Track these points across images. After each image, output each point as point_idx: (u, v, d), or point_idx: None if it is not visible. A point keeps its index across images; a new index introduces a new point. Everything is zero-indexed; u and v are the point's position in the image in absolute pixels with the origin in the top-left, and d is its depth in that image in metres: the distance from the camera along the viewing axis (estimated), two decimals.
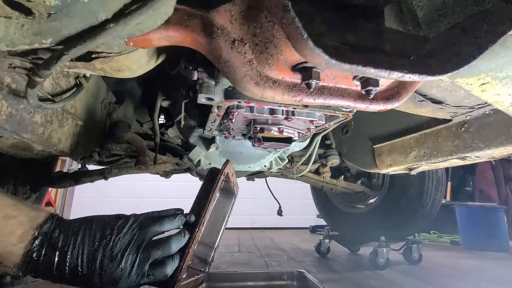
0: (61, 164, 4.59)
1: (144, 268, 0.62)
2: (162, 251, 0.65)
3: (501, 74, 0.71)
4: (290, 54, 0.66)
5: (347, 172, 2.55)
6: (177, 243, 0.69)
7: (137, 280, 0.61)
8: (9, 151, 0.98)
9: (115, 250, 0.60)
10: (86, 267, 0.58)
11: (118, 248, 0.60)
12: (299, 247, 3.40)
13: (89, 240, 0.60)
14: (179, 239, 0.69)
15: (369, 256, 2.36)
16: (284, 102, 0.80)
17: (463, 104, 1.09)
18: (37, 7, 0.47)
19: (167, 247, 0.66)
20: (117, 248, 0.60)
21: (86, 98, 1.14)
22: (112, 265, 0.59)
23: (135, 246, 0.62)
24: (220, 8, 0.63)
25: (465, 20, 0.58)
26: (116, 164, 1.83)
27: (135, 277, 0.61)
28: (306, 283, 1.47)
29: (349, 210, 2.84)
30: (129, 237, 0.62)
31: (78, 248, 0.59)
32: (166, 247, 0.66)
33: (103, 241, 0.60)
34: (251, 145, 1.27)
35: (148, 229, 0.65)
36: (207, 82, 0.89)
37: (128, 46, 0.62)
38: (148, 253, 0.63)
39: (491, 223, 3.63)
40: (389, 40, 0.59)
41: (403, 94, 0.79)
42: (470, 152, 1.22)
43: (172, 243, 0.67)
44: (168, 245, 0.67)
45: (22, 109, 0.80)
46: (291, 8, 0.49)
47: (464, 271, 2.41)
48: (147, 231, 0.65)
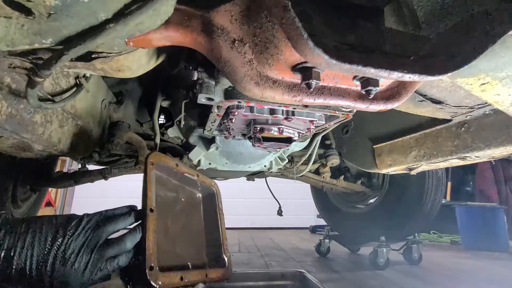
0: (61, 164, 4.58)
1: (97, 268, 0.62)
2: (117, 250, 0.66)
3: (501, 74, 0.71)
4: (290, 54, 0.66)
5: (347, 172, 2.54)
6: (132, 239, 0.69)
7: (90, 277, 0.61)
8: (9, 151, 0.98)
9: (68, 253, 0.59)
10: (35, 270, 0.57)
11: (71, 251, 0.60)
12: (299, 247, 3.40)
13: (39, 243, 0.59)
14: (133, 236, 0.70)
15: (369, 256, 2.36)
16: (284, 102, 0.80)
17: (463, 104, 1.09)
18: (37, 7, 0.47)
19: (122, 244, 0.67)
20: (69, 251, 0.60)
21: (86, 98, 1.14)
22: (64, 268, 0.58)
23: (89, 247, 0.62)
24: (220, 8, 0.63)
25: (465, 20, 0.58)
26: (116, 164, 1.83)
27: (89, 275, 0.61)
28: (306, 283, 1.47)
29: (349, 210, 2.84)
30: (82, 239, 0.62)
31: (27, 251, 0.57)
32: (121, 244, 0.67)
33: (54, 243, 0.59)
34: (251, 145, 1.27)
35: (101, 229, 0.65)
36: (207, 82, 0.89)
37: (128, 46, 0.62)
38: (102, 252, 0.63)
39: (491, 223, 3.63)
40: (389, 40, 0.59)
41: (403, 94, 0.79)
42: (470, 152, 1.22)
43: (126, 240, 0.68)
44: (123, 243, 0.67)
45: (22, 109, 0.80)
46: (291, 8, 0.49)
47: (464, 271, 2.41)
48: (101, 232, 0.65)
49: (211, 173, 1.93)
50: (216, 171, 1.78)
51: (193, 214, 1.03)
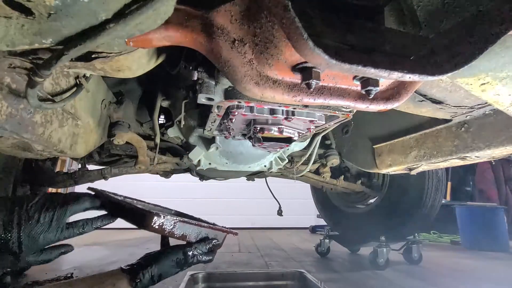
0: (61, 164, 4.58)
1: (63, 223, 0.67)
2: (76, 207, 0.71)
3: (501, 74, 0.71)
4: (290, 54, 0.66)
5: (347, 172, 2.54)
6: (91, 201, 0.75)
7: (57, 235, 0.66)
8: (9, 151, 0.98)
9: (31, 212, 0.64)
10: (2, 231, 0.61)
11: (34, 210, 0.65)
12: (299, 247, 3.40)
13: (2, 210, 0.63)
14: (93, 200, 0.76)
15: (369, 256, 2.36)
16: (284, 102, 0.80)
17: (463, 104, 1.09)
18: (37, 7, 0.47)
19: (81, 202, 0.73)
20: (32, 210, 0.65)
21: (86, 98, 1.14)
22: (29, 224, 0.63)
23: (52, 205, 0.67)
24: (220, 8, 0.63)
25: (465, 20, 0.58)
26: (116, 164, 1.83)
27: (55, 231, 0.66)
28: (306, 283, 1.47)
29: (349, 210, 2.84)
30: (43, 201, 0.67)
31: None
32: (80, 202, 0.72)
33: (16, 207, 0.64)
34: (251, 145, 1.27)
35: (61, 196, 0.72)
36: (207, 82, 0.89)
37: (128, 46, 0.62)
38: (65, 208, 0.68)
39: (491, 223, 3.63)
40: (389, 40, 0.59)
41: (403, 94, 0.79)
42: (470, 152, 1.22)
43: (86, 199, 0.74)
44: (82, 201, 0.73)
45: (22, 109, 0.80)
46: (291, 8, 0.49)
47: (464, 271, 2.41)
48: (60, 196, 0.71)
49: (211, 173, 1.94)
50: (216, 171, 1.78)
51: None
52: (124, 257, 2.62)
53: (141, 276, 0.72)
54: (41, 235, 0.64)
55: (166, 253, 0.80)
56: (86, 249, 2.99)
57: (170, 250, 0.81)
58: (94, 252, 2.87)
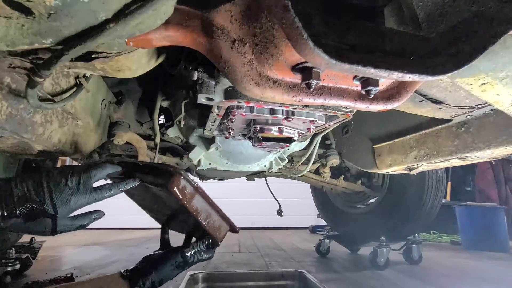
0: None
1: (90, 185, 0.68)
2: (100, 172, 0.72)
3: (501, 74, 0.71)
4: (290, 54, 0.66)
5: (347, 172, 2.54)
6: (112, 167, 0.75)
7: (87, 197, 0.67)
8: (9, 151, 0.98)
9: (57, 178, 0.66)
10: (35, 193, 0.63)
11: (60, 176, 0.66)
12: (299, 247, 3.40)
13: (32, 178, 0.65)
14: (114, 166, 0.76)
15: (369, 256, 2.36)
16: (284, 102, 0.80)
17: (463, 104, 1.09)
18: (37, 7, 0.47)
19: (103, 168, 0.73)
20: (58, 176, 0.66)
21: (86, 98, 1.14)
22: (59, 187, 0.64)
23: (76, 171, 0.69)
24: (220, 8, 0.63)
25: (465, 20, 0.58)
26: None
27: (85, 194, 0.67)
28: (306, 283, 1.47)
29: (349, 210, 2.84)
30: (69, 169, 0.69)
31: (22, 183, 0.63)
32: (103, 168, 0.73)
33: (43, 173, 0.66)
34: (251, 145, 1.28)
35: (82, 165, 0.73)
36: (207, 82, 0.89)
37: (128, 46, 0.62)
38: (89, 172, 0.69)
39: (491, 223, 3.63)
40: (389, 40, 0.59)
41: (403, 94, 0.79)
42: (470, 152, 1.22)
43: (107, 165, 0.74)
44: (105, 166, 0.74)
45: (22, 109, 0.80)
46: (291, 8, 0.49)
47: (464, 271, 2.41)
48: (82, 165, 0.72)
49: (211, 173, 1.93)
50: (216, 171, 1.78)
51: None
52: (124, 257, 2.62)
53: (141, 284, 0.72)
54: (72, 197, 0.65)
55: (165, 257, 0.79)
56: (86, 249, 2.99)
57: (170, 254, 0.80)
58: (94, 252, 2.87)
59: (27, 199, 0.62)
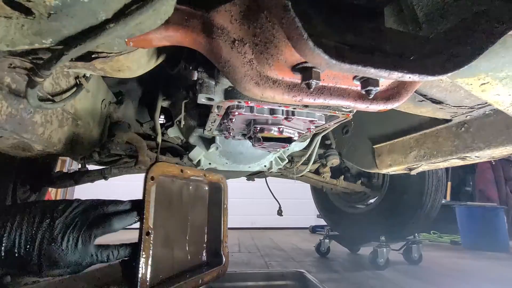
0: (61, 164, 4.59)
1: (89, 249, 0.62)
2: (103, 229, 0.65)
3: (501, 74, 0.71)
4: (290, 54, 0.66)
5: (347, 172, 2.54)
6: (119, 221, 0.68)
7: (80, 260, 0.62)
8: (9, 151, 0.98)
9: (55, 232, 0.60)
10: (23, 249, 0.59)
11: (59, 230, 0.61)
12: (299, 247, 3.40)
13: (28, 223, 0.60)
14: (122, 218, 0.69)
15: (369, 256, 2.36)
16: (284, 102, 0.80)
17: (463, 104, 1.09)
18: (37, 7, 0.47)
19: (107, 225, 0.66)
20: (57, 230, 0.61)
21: (86, 98, 1.14)
22: (51, 247, 0.60)
23: (77, 228, 0.62)
24: (220, 8, 0.63)
25: (465, 20, 0.58)
26: (116, 164, 1.83)
27: (78, 257, 0.61)
28: (306, 283, 1.47)
29: (349, 210, 2.84)
30: (71, 220, 0.63)
31: (16, 231, 0.59)
32: (107, 225, 0.66)
33: (42, 223, 0.61)
34: (251, 145, 1.27)
35: (90, 212, 0.66)
36: (207, 82, 0.89)
37: (128, 46, 0.62)
38: (90, 232, 0.63)
39: (491, 223, 3.63)
40: (389, 40, 0.59)
41: (403, 94, 0.79)
42: (470, 152, 1.22)
43: (114, 221, 0.67)
44: (110, 223, 0.66)
45: (22, 109, 0.80)
46: (291, 8, 0.49)
47: (464, 271, 2.41)
48: (89, 214, 0.65)
49: None
50: (216, 171, 1.78)
51: (197, 206, 1.02)
52: None
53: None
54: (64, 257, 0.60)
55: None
56: None
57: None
58: None
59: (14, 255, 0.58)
